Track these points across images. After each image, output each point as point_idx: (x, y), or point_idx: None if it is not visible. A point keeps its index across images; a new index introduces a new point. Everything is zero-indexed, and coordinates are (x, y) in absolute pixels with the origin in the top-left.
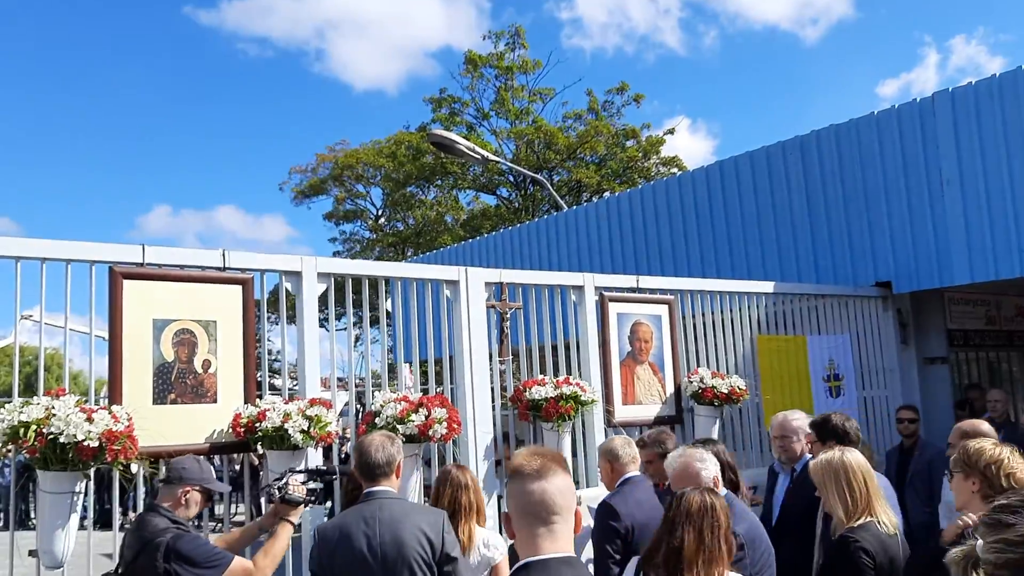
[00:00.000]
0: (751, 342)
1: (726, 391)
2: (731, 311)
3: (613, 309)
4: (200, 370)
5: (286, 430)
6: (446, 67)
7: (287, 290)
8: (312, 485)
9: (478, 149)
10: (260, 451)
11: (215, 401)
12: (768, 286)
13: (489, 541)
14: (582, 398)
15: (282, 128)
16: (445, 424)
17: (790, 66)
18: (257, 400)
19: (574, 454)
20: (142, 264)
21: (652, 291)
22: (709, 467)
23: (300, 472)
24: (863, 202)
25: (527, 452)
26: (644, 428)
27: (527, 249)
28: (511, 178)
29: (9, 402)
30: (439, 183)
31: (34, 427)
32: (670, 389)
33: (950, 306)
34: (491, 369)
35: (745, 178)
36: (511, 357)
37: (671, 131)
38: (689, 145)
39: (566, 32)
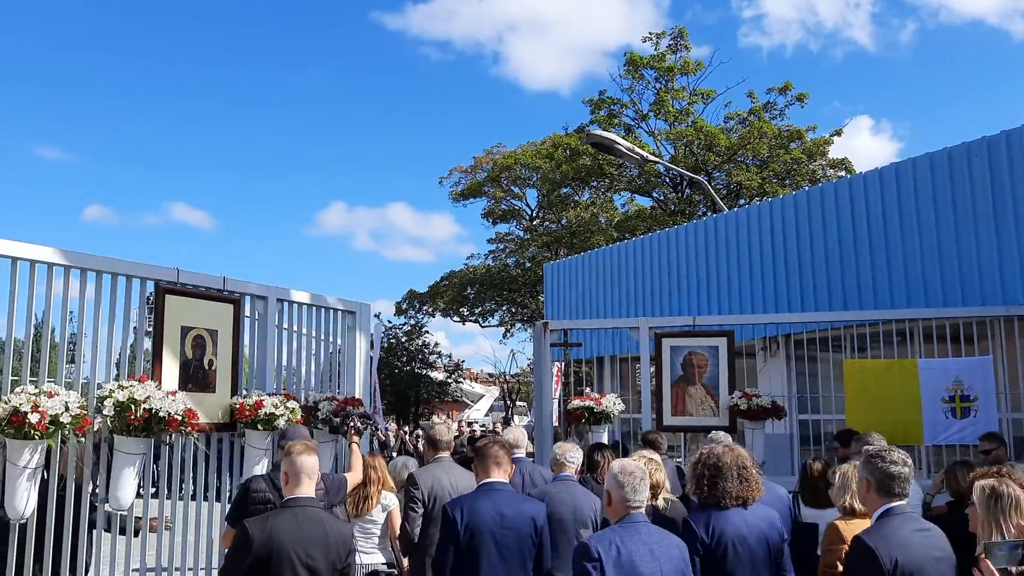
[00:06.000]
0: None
1: (745, 407)
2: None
3: (666, 344)
4: (206, 367)
5: (277, 415)
6: (622, 67)
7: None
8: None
9: (636, 149)
10: (241, 431)
11: (215, 392)
12: (827, 316)
13: (387, 497)
14: (595, 410)
15: (455, 130)
16: None
17: (994, 64)
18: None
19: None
20: (176, 283)
21: (710, 326)
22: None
23: (356, 415)
24: None
25: (299, 443)
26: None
27: (683, 252)
28: (668, 180)
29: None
30: (594, 184)
31: (143, 404)
32: (724, 404)
33: None
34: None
35: (924, 183)
36: (572, 379)
37: (838, 132)
38: (871, 147)
39: (743, 31)
